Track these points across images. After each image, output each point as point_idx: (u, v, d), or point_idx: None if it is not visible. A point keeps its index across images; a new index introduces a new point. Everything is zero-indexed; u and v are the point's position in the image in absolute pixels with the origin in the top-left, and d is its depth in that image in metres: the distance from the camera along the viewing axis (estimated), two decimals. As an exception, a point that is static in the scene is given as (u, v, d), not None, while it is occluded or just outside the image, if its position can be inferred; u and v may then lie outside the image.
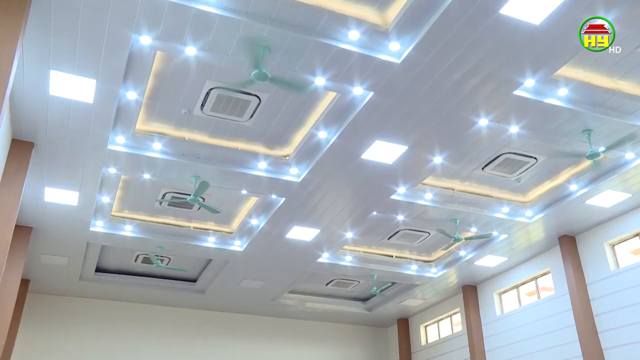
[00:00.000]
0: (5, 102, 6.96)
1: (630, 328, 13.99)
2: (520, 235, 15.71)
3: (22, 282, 16.46)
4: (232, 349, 21.06)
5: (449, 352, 20.18)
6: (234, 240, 16.08)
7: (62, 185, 12.84)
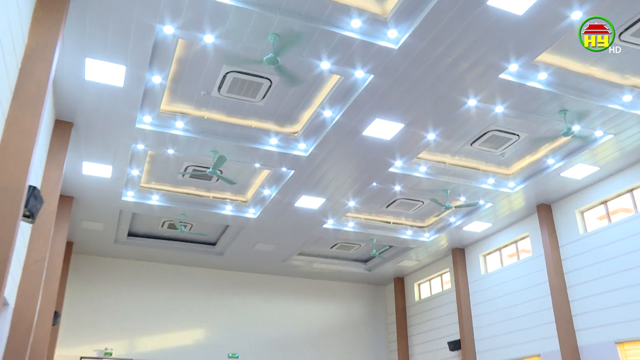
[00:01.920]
0: (49, 87, 6.97)
1: (593, 282, 14.22)
2: (503, 204, 15.71)
3: (67, 244, 16.66)
4: (247, 303, 21.21)
5: (439, 307, 20.31)
6: (248, 208, 16.12)
7: (97, 160, 12.88)
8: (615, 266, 13.71)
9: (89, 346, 18.46)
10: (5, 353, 8.64)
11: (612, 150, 12.94)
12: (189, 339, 19.97)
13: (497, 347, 17.26)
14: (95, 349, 18.51)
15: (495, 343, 17.33)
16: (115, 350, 18.68)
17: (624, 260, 13.53)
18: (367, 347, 22.72)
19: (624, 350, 13.27)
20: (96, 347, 18.53)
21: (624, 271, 13.45)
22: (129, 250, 19.06)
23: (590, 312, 14.17)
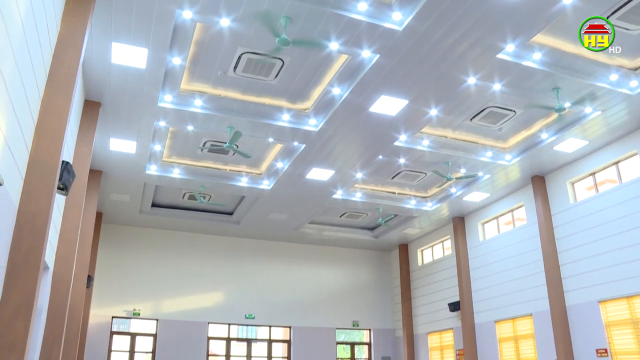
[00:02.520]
0: (79, 71, 7.08)
1: (582, 248, 14.39)
2: (500, 175, 15.75)
3: (97, 215, 16.89)
4: (262, 268, 21.49)
5: (441, 271, 20.51)
6: (262, 180, 16.26)
7: (123, 137, 13.03)
8: (601, 233, 13.85)
9: (119, 307, 18.87)
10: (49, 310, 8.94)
11: (600, 126, 12.94)
12: (209, 301, 20.32)
13: (493, 308, 17.49)
14: (124, 310, 18.92)
15: (492, 304, 17.56)
16: (142, 311, 19.09)
17: (609, 227, 13.67)
18: (373, 309, 23.02)
19: (605, 308, 13.63)
20: (125, 308, 18.94)
21: (609, 237, 13.62)
22: (153, 220, 19.32)
23: (578, 274, 14.38)
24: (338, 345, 22.12)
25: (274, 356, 21.10)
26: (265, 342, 21.17)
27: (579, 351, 14.11)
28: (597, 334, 13.67)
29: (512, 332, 16.79)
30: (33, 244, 5.82)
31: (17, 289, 5.59)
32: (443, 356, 20.03)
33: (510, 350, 16.78)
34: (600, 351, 13.45)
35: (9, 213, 5.60)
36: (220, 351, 20.41)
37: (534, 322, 15.79)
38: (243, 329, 21.04)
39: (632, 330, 12.94)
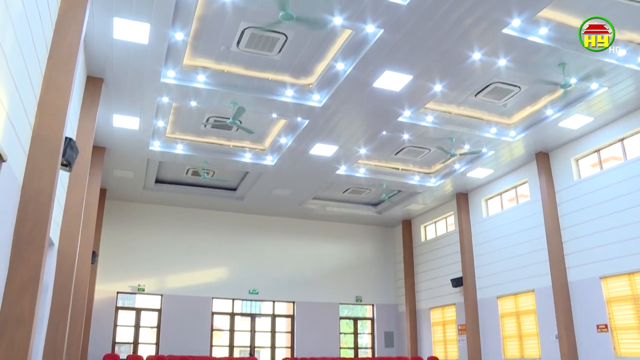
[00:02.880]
0: (81, 46, 7.04)
1: (585, 225, 14.41)
2: (504, 151, 15.71)
3: (101, 191, 16.98)
4: (266, 244, 21.61)
5: (444, 247, 20.60)
6: (266, 156, 16.26)
7: (126, 113, 13.00)
8: (605, 210, 13.86)
9: (124, 283, 19.06)
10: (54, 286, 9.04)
11: (606, 102, 12.84)
12: (213, 277, 20.49)
13: (495, 284, 17.60)
14: (129, 285, 19.11)
15: (494, 280, 17.66)
16: (147, 287, 19.28)
17: (612, 204, 13.68)
18: (377, 284, 23.18)
19: (606, 284, 13.72)
20: (130, 284, 19.13)
21: (612, 214, 13.63)
22: (157, 196, 19.38)
23: (580, 251, 14.43)
24: (341, 320, 22.35)
25: (277, 331, 21.35)
26: (269, 317, 21.40)
27: (579, 326, 14.24)
28: (598, 310, 13.77)
29: (514, 307, 16.92)
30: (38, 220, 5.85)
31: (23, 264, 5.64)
32: (445, 331, 20.24)
33: (512, 326, 16.94)
34: (601, 326, 13.58)
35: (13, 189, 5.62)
36: (224, 326, 20.64)
37: (535, 298, 15.90)
38: (247, 304, 21.25)
39: (632, 306, 13.04)
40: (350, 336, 22.74)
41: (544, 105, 13.39)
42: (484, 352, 17.73)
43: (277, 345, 21.20)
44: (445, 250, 20.42)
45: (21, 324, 5.49)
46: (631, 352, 12.92)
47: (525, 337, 16.37)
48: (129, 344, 19.14)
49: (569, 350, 14.14)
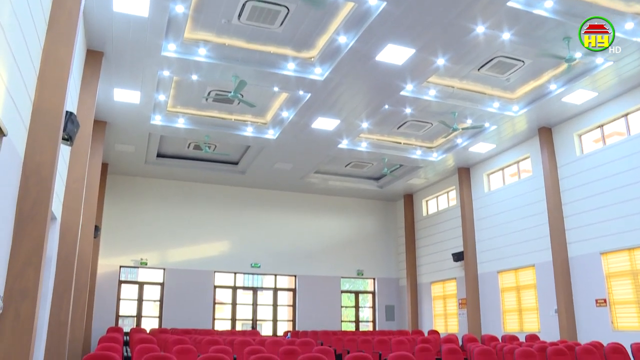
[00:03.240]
0: (80, 18, 6.97)
1: (586, 200, 14.44)
2: (507, 126, 15.65)
3: (103, 166, 17.00)
4: (268, 218, 21.71)
5: (445, 221, 20.68)
6: (268, 130, 16.22)
7: (127, 87, 12.94)
8: (607, 185, 13.87)
9: (127, 257, 19.22)
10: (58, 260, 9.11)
11: (611, 77, 12.72)
12: (215, 250, 20.63)
13: (496, 258, 17.70)
14: (132, 259, 19.27)
15: (495, 254, 17.76)
16: (149, 260, 19.43)
17: (614, 180, 13.68)
18: (378, 258, 23.34)
19: (606, 259, 13.82)
20: (133, 258, 19.29)
21: (614, 190, 13.65)
22: (159, 170, 19.42)
23: (581, 226, 14.48)
24: (342, 293, 22.57)
25: (279, 304, 21.58)
26: (270, 291, 21.60)
27: (579, 301, 14.37)
28: (597, 285, 13.88)
29: (514, 282, 17.05)
30: (40, 194, 5.87)
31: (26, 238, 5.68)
32: (446, 305, 20.43)
33: (512, 300, 17.09)
34: (600, 301, 13.71)
35: (15, 163, 5.62)
36: (226, 299, 20.86)
37: (536, 272, 16.01)
38: (249, 277, 21.44)
39: (631, 281, 13.16)
40: (352, 309, 22.98)
41: (548, 79, 13.29)
42: (484, 325, 17.92)
43: (278, 319, 21.46)
44: (447, 225, 20.49)
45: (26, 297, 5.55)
46: (628, 325, 13.11)
47: (525, 312, 16.53)
48: (132, 317, 19.39)
49: (567, 324, 14.29)
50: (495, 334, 15.17)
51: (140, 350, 8.50)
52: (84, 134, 10.06)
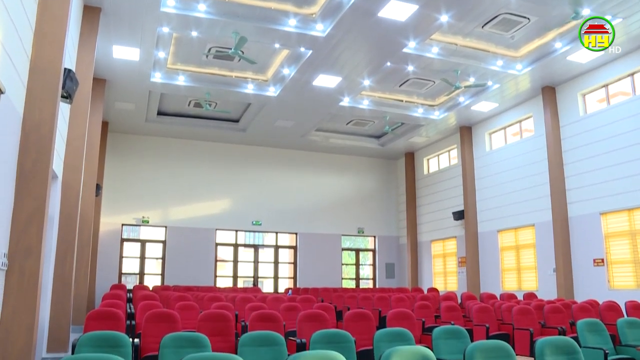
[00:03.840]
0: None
1: (588, 160, 14.44)
2: (510, 85, 15.50)
3: (103, 124, 16.91)
4: (269, 176, 21.75)
5: (446, 180, 20.72)
6: (269, 87, 16.09)
7: (125, 44, 12.78)
8: (609, 146, 13.84)
9: (128, 215, 19.36)
10: (60, 218, 9.17)
11: (618, 35, 12.42)
12: (216, 208, 20.75)
13: (497, 218, 17.81)
14: (134, 217, 19.41)
15: (496, 214, 17.86)
16: (151, 219, 19.57)
17: (617, 140, 13.64)
18: (379, 216, 23.48)
19: (605, 220, 13.93)
20: (134, 216, 19.43)
21: (616, 150, 13.62)
22: (159, 128, 19.36)
23: (582, 187, 14.53)
24: (343, 251, 22.81)
25: (280, 261, 21.84)
26: (271, 248, 21.83)
27: (577, 260, 14.53)
28: (595, 245, 14.02)
29: (514, 241, 17.20)
30: (40, 152, 5.87)
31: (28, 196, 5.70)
32: (446, 263, 20.67)
33: (511, 259, 17.28)
34: (597, 261, 13.87)
35: (14, 122, 5.60)
36: (228, 257, 21.11)
37: (535, 232, 16.13)
38: (250, 235, 21.63)
39: (629, 241, 13.31)
40: (352, 267, 23.27)
41: (553, 38, 13.07)
42: (483, 284, 18.17)
43: (280, 276, 21.75)
44: (448, 184, 20.54)
45: (30, 254, 5.61)
46: (623, 284, 13.34)
47: (523, 270, 16.74)
48: (135, 275, 19.67)
49: (565, 283, 14.49)
50: (493, 292, 15.40)
51: (144, 307, 8.65)
52: (84, 91, 9.98)
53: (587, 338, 7.01)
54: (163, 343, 5.06)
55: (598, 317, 9.10)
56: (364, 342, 6.97)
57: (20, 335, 5.45)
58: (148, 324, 6.60)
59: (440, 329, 6.22)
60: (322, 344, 5.32)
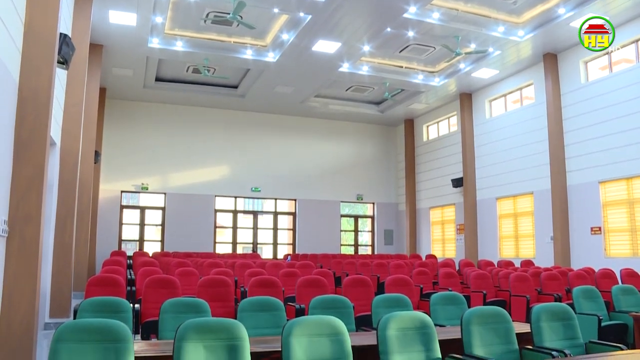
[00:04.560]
0: None
1: (588, 129, 14.38)
2: (511, 52, 15.33)
3: (101, 90, 16.77)
4: (268, 142, 21.68)
5: (445, 147, 20.68)
6: (268, 53, 15.91)
7: (122, 8, 12.58)
8: (610, 114, 13.76)
9: (127, 181, 19.38)
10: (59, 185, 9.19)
11: (623, 0, 12.29)
12: (215, 175, 20.76)
13: (496, 185, 17.85)
14: (133, 184, 19.44)
15: (495, 181, 17.89)
16: (150, 185, 19.60)
17: (618, 108, 13.56)
18: (378, 183, 23.52)
19: (604, 188, 13.98)
20: (134, 183, 19.45)
21: (617, 118, 13.55)
22: (158, 95, 19.22)
23: (582, 155, 14.52)
24: (342, 217, 22.92)
25: (279, 228, 21.96)
26: (271, 215, 21.93)
27: (574, 229, 14.63)
28: (593, 213, 14.10)
29: (512, 209, 17.28)
30: (38, 119, 5.84)
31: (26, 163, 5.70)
32: (444, 230, 20.80)
33: (509, 226, 17.39)
34: (595, 229, 13.97)
35: (10, 88, 5.55)
36: (227, 223, 21.22)
37: (534, 200, 16.19)
38: (249, 201, 21.70)
39: (626, 210, 13.40)
40: (351, 233, 23.42)
41: (556, 3, 12.87)
42: (480, 251, 18.32)
43: (279, 242, 21.91)
44: (447, 151, 20.52)
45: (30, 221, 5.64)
46: (619, 252, 13.49)
47: (521, 238, 16.86)
48: (135, 242, 19.80)
49: (562, 250, 14.62)
50: (491, 260, 15.54)
51: (144, 273, 8.73)
52: (80, 57, 9.87)
53: (582, 305, 7.11)
54: (163, 308, 5.13)
55: (594, 285, 9.20)
56: (362, 308, 7.06)
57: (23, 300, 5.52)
58: (148, 289, 6.68)
59: (438, 295, 6.30)
60: (321, 309, 5.39)
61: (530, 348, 4.47)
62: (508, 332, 4.47)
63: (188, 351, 3.47)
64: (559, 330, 4.71)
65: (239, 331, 3.68)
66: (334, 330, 3.91)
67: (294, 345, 3.72)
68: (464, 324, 4.35)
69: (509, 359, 4.33)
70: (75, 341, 3.26)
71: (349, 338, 3.93)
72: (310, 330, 3.83)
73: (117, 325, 3.42)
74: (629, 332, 7.10)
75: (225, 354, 3.57)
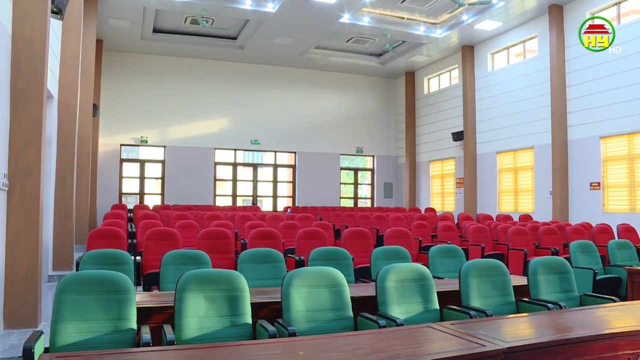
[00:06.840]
0: None
1: (591, 83, 14.23)
2: (515, 3, 15.03)
3: (98, 42, 16.48)
4: (268, 94, 21.49)
5: (446, 100, 20.52)
6: (267, 3, 15.58)
7: (116, -46, 12.30)
8: (615, 68, 13.57)
9: (127, 135, 19.31)
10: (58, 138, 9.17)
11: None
12: (215, 127, 20.67)
13: (496, 139, 17.80)
14: (132, 137, 19.38)
15: (495, 135, 17.84)
16: (149, 138, 19.54)
17: (623, 62, 13.35)
18: (378, 136, 23.45)
19: (605, 144, 13.97)
20: (133, 136, 19.38)
21: (622, 73, 13.38)
22: (155, 46, 18.94)
23: (583, 110, 14.42)
24: (342, 170, 22.96)
25: (279, 180, 22.03)
26: (270, 167, 21.96)
27: (573, 184, 14.68)
28: (593, 168, 14.12)
29: (512, 163, 17.30)
30: (33, 71, 5.78)
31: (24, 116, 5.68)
32: (444, 184, 20.87)
33: (508, 181, 17.44)
34: (594, 184, 14.02)
35: (3, 39, 5.47)
36: (227, 176, 21.26)
37: (534, 154, 16.18)
38: (249, 154, 21.69)
39: (626, 165, 13.43)
40: (351, 186, 23.51)
41: (563, -49, 12.57)
42: (479, 205, 18.42)
43: (278, 195, 22.01)
44: (448, 104, 20.37)
45: (30, 174, 5.66)
46: (617, 208, 13.61)
47: (520, 192, 16.93)
48: (135, 195, 19.89)
49: (561, 205, 14.71)
50: (490, 214, 15.63)
51: (144, 226, 8.80)
52: (75, 7, 9.69)
53: (578, 258, 7.21)
54: (164, 260, 5.19)
55: (591, 239, 9.31)
56: (361, 260, 7.15)
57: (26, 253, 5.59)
58: (149, 242, 6.75)
59: (437, 247, 6.37)
60: (321, 260, 5.45)
61: (526, 300, 4.55)
62: (505, 285, 4.54)
63: (189, 302, 3.53)
64: (555, 283, 4.78)
65: (239, 282, 3.73)
66: (333, 281, 3.97)
67: (294, 296, 3.79)
68: (462, 276, 4.41)
69: (505, 310, 4.41)
70: (78, 292, 3.32)
71: (348, 289, 4.00)
72: (310, 281, 3.89)
73: (119, 276, 3.47)
74: (622, 285, 7.22)
75: (226, 304, 3.63)
